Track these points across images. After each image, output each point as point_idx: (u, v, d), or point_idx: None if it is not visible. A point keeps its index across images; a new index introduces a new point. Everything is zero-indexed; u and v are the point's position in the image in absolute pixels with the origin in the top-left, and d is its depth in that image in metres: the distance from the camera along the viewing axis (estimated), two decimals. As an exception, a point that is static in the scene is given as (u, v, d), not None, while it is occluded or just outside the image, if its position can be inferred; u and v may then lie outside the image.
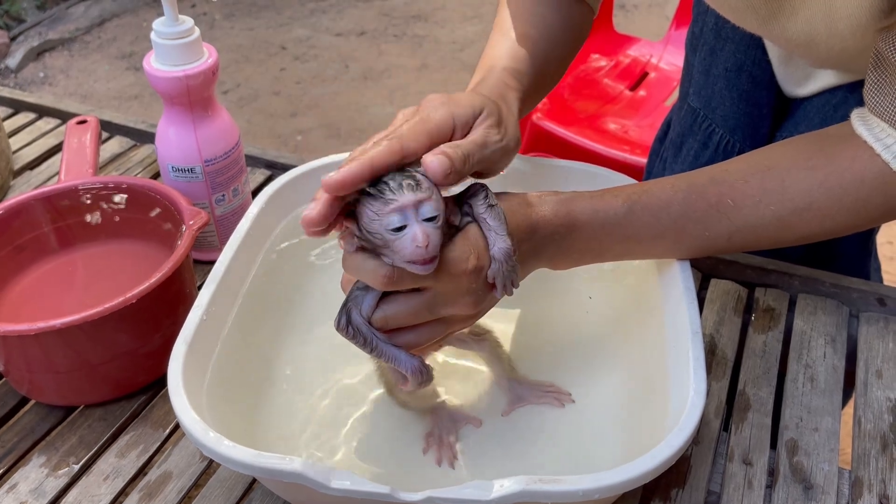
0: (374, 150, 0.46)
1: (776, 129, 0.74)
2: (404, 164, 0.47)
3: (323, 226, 0.45)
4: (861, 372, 0.63)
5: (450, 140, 0.50)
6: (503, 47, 0.61)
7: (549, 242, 0.52)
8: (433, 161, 0.46)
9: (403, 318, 0.49)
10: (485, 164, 0.51)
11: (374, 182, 0.45)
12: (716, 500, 0.54)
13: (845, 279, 0.69)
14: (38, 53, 3.00)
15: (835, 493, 0.54)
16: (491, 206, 0.48)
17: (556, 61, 0.65)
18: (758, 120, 0.73)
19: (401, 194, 0.44)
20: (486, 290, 0.49)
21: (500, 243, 0.48)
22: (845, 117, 0.54)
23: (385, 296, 0.49)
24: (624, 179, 0.65)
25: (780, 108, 0.73)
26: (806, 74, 0.69)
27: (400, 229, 0.44)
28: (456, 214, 0.48)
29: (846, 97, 0.67)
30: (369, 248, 0.46)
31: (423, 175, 0.46)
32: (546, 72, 0.63)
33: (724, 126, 0.75)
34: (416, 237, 0.43)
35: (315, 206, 0.45)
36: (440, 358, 0.60)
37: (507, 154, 0.54)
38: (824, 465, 0.56)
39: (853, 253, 0.73)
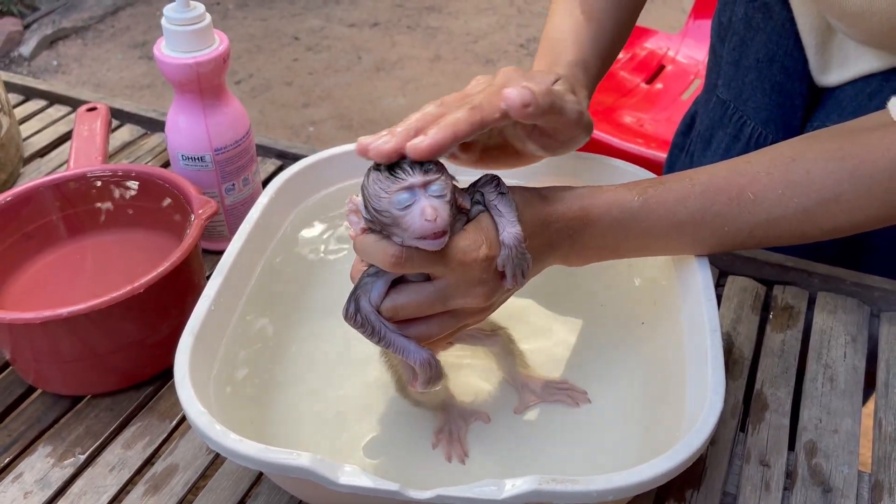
0: (456, 116, 0.45)
1: (807, 119, 0.72)
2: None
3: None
4: (882, 373, 0.61)
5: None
6: (568, 30, 0.61)
7: (562, 237, 0.51)
8: (513, 91, 0.45)
9: (414, 308, 0.48)
10: (559, 122, 0.50)
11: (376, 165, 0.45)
12: (732, 501, 0.53)
13: (867, 277, 0.68)
14: (51, 41, 3.00)
15: (854, 497, 0.53)
16: (502, 193, 0.48)
17: (621, 32, 0.64)
18: (790, 111, 0.72)
19: (410, 175, 0.44)
20: (498, 281, 0.48)
21: (509, 228, 0.47)
22: (881, 106, 0.52)
23: (395, 285, 0.48)
24: (642, 172, 0.63)
25: (811, 99, 0.71)
26: (840, 62, 0.67)
27: (408, 207, 0.44)
28: (466, 199, 0.48)
29: (881, 85, 0.65)
30: (377, 229, 0.46)
31: (431, 162, 0.46)
32: (612, 49, 0.63)
33: (756, 118, 0.73)
34: (425, 211, 0.43)
35: (389, 142, 0.45)
36: (452, 354, 0.59)
37: (580, 125, 0.52)
38: (843, 467, 0.55)
39: (886, 248, 0.71)
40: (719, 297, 0.67)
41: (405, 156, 0.45)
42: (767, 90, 0.72)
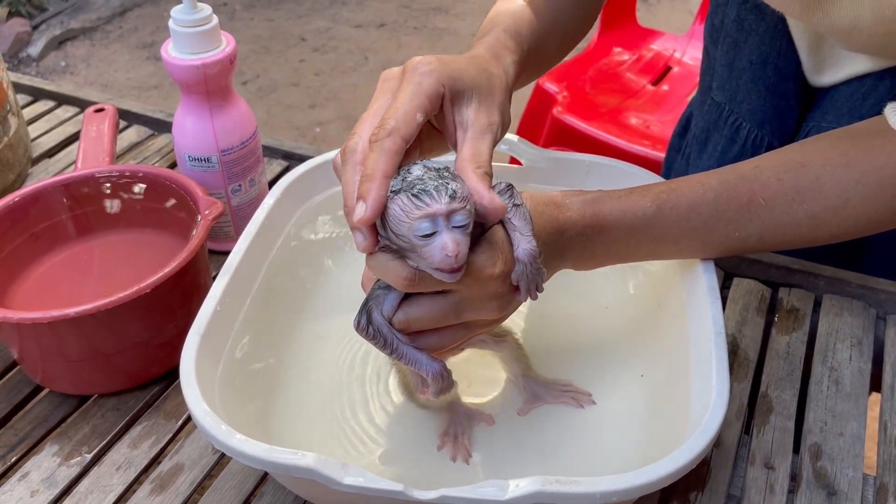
0: (379, 158, 0.44)
1: (803, 120, 0.72)
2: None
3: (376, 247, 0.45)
4: (888, 376, 0.61)
5: (440, 109, 0.49)
6: (506, 9, 0.60)
7: (574, 244, 0.51)
8: (494, 200, 0.44)
9: (427, 321, 0.47)
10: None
11: (404, 176, 0.44)
12: (736, 504, 0.53)
13: (872, 280, 0.68)
14: (59, 42, 3.02)
15: (859, 500, 0.53)
16: (516, 205, 0.46)
17: (561, 34, 0.64)
18: (785, 112, 0.72)
19: (435, 201, 0.42)
20: (511, 294, 0.47)
21: (524, 244, 0.46)
22: (874, 105, 0.53)
23: (408, 297, 0.47)
24: (645, 174, 0.64)
25: (805, 99, 0.72)
26: (834, 62, 0.68)
27: (429, 235, 0.42)
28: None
29: (875, 85, 0.65)
30: (393, 247, 0.44)
31: (457, 182, 0.43)
32: (548, 42, 0.62)
33: (751, 120, 0.74)
34: (447, 246, 0.41)
35: (362, 240, 0.44)
36: (457, 356, 0.59)
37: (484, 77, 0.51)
38: (848, 470, 0.54)
39: (884, 245, 0.71)
40: (725, 299, 0.67)
41: (442, 176, 0.43)
42: (762, 92, 0.72)
